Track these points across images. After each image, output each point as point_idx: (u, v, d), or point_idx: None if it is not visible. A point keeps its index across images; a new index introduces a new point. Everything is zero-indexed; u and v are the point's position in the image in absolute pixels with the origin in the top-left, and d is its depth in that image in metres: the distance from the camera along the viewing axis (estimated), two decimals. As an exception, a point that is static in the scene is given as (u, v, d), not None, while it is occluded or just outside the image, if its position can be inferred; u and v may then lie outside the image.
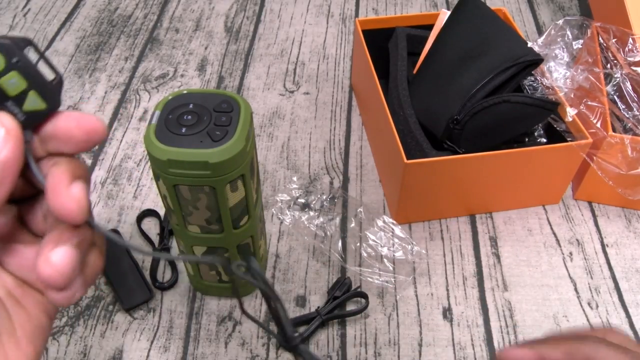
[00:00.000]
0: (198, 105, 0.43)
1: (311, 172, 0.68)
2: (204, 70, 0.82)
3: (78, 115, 0.26)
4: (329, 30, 0.89)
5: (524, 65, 0.58)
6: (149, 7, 0.94)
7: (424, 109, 0.62)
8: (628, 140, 0.57)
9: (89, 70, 0.82)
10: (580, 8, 0.94)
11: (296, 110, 0.76)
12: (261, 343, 0.53)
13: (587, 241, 0.61)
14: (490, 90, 0.58)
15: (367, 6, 0.95)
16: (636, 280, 0.58)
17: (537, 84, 0.63)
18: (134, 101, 0.77)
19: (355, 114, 0.75)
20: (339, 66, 0.83)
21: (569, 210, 0.64)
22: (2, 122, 0.24)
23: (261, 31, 0.89)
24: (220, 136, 0.41)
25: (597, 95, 0.61)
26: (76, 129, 0.26)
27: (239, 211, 0.46)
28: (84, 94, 0.78)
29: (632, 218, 0.64)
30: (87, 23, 0.91)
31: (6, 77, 0.24)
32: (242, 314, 0.27)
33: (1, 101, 0.24)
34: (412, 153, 0.60)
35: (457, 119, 0.58)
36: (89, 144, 0.26)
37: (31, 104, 0.25)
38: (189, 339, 0.53)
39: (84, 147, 0.26)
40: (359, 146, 0.71)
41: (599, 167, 0.59)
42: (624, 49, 0.65)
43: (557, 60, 0.65)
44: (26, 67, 0.24)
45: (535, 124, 0.62)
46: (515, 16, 0.92)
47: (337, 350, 0.52)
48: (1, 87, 0.24)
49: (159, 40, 0.88)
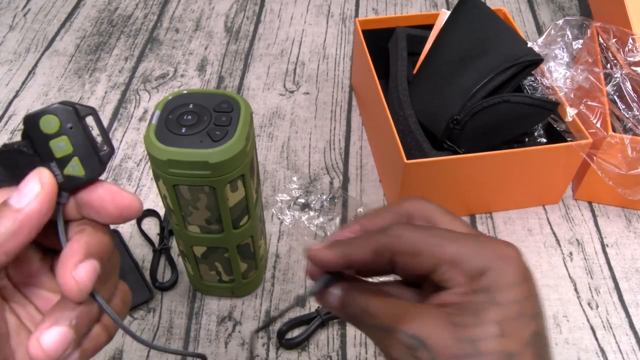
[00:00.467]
0: (198, 105, 0.43)
1: (311, 172, 0.68)
2: (204, 70, 0.82)
3: (115, 190, 0.27)
4: (329, 30, 0.89)
5: (524, 65, 0.58)
6: (149, 7, 0.94)
7: (424, 109, 0.62)
8: (628, 140, 0.57)
9: (89, 70, 0.82)
10: (580, 8, 0.94)
11: (296, 110, 0.76)
12: (261, 343, 0.53)
13: (587, 241, 0.61)
14: (490, 90, 0.58)
15: (367, 6, 0.95)
16: (636, 280, 0.58)
17: (537, 84, 0.63)
18: (134, 101, 0.77)
19: (355, 114, 0.75)
20: (339, 66, 0.83)
21: (569, 210, 0.64)
22: (40, 177, 0.26)
23: (261, 31, 0.89)
24: (220, 136, 0.41)
25: (597, 95, 0.61)
26: (110, 204, 0.27)
27: (239, 211, 0.46)
28: (84, 94, 0.78)
29: (632, 218, 0.64)
30: (87, 23, 0.91)
31: (56, 140, 0.26)
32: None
33: (47, 160, 0.26)
34: (412, 153, 0.60)
35: (457, 119, 0.58)
36: (121, 219, 0.27)
37: (72, 169, 0.26)
38: (189, 339, 0.53)
39: (116, 221, 0.27)
40: (359, 146, 0.71)
41: (599, 167, 0.59)
42: (624, 49, 0.65)
43: (557, 60, 0.65)
44: (76, 135, 0.26)
45: (535, 124, 0.62)
46: (515, 16, 0.92)
47: (337, 350, 0.52)
48: (50, 148, 0.26)
49: (159, 40, 0.88)
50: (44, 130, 0.26)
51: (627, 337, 0.54)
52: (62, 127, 0.26)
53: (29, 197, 0.25)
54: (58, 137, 0.26)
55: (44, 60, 0.84)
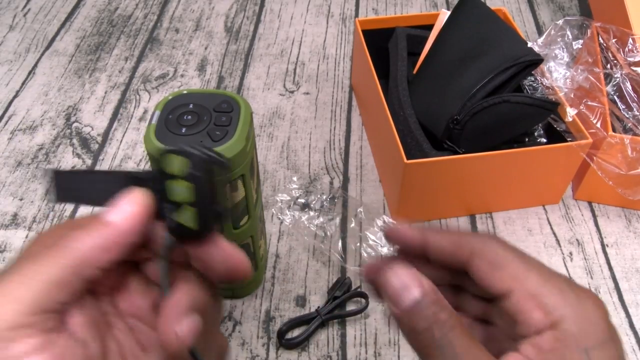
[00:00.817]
0: (198, 105, 0.43)
1: (311, 172, 0.68)
2: (204, 70, 0.82)
3: (229, 250, 0.26)
4: (329, 30, 0.89)
5: (524, 65, 0.58)
6: (149, 7, 0.94)
7: (424, 109, 0.62)
8: (628, 140, 0.57)
9: (89, 70, 0.82)
10: (580, 8, 0.94)
11: (296, 110, 0.76)
12: (261, 343, 0.53)
13: (587, 241, 0.61)
14: (490, 90, 0.58)
15: (367, 6, 0.95)
16: (636, 280, 0.58)
17: (537, 84, 0.63)
18: (134, 101, 0.78)
19: (355, 114, 0.75)
20: (339, 66, 0.83)
21: (569, 210, 0.64)
22: (137, 197, 0.25)
23: (261, 31, 0.89)
24: (220, 136, 0.41)
25: (597, 95, 0.61)
26: (220, 264, 0.26)
27: (239, 211, 0.46)
28: (84, 94, 0.78)
29: (632, 218, 0.64)
30: (87, 23, 0.91)
31: (178, 183, 0.24)
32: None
33: (162, 198, 0.25)
34: (412, 153, 0.60)
35: (457, 119, 0.58)
36: (227, 280, 0.26)
37: (184, 218, 0.24)
38: (189, 339, 0.53)
39: (222, 280, 0.26)
40: (359, 146, 0.71)
41: (599, 167, 0.59)
42: (624, 49, 0.65)
43: (557, 60, 0.65)
44: (201, 187, 0.24)
45: (535, 124, 0.62)
46: (515, 16, 0.92)
47: (337, 350, 0.52)
48: (168, 187, 0.24)
49: (159, 40, 0.88)
50: (170, 169, 0.24)
51: (627, 337, 0.54)
52: (190, 173, 0.24)
53: (122, 214, 0.25)
54: (181, 180, 0.24)
55: (44, 60, 0.84)
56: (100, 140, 0.72)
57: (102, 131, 0.73)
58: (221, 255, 0.26)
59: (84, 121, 0.75)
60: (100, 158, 0.70)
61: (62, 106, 0.77)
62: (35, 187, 0.66)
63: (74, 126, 0.74)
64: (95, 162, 0.69)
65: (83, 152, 0.71)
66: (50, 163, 0.69)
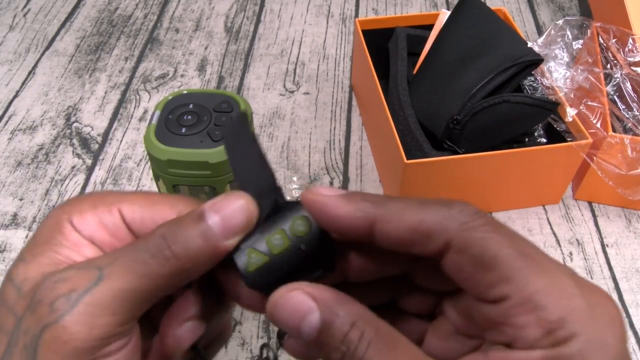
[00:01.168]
0: (198, 105, 0.43)
1: (311, 172, 0.68)
2: (204, 70, 0.82)
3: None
4: (329, 30, 0.89)
5: (524, 65, 0.58)
6: (149, 7, 0.94)
7: (424, 109, 0.62)
8: (628, 140, 0.57)
9: (89, 70, 0.82)
10: (580, 8, 0.94)
11: (296, 110, 0.76)
12: (261, 343, 0.53)
13: (587, 241, 0.61)
14: (490, 90, 0.58)
15: (367, 6, 0.95)
16: (636, 280, 0.58)
17: (537, 84, 0.63)
18: (134, 101, 0.78)
19: (355, 114, 0.75)
20: (339, 66, 0.83)
21: (569, 210, 0.64)
22: (249, 207, 0.22)
23: (261, 31, 0.89)
24: (220, 136, 0.41)
25: (597, 96, 0.61)
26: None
27: (239, 211, 0.46)
28: (84, 94, 0.78)
29: (632, 218, 0.64)
30: (87, 23, 0.91)
31: (276, 236, 0.23)
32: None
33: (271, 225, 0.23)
34: (412, 153, 0.60)
35: (457, 119, 0.58)
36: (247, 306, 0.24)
37: (256, 261, 0.23)
38: (189, 339, 0.53)
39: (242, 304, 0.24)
40: (359, 146, 0.71)
41: (599, 167, 0.59)
42: (624, 49, 0.65)
43: (557, 60, 0.65)
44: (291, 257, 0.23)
45: (535, 124, 0.62)
46: (515, 16, 0.92)
47: (337, 350, 0.52)
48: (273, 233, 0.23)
49: (159, 40, 0.88)
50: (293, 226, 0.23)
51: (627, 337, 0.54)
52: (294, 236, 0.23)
53: (229, 225, 0.22)
54: (279, 235, 0.23)
55: (44, 60, 0.84)
56: (100, 140, 0.72)
57: (102, 131, 0.73)
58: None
59: (84, 121, 0.75)
60: (101, 158, 0.70)
61: (62, 106, 0.77)
62: (35, 187, 0.66)
63: (74, 126, 0.74)
64: (95, 162, 0.69)
65: (83, 152, 0.71)
66: (50, 163, 0.69)
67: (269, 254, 0.22)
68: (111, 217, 0.24)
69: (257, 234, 0.23)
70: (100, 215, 0.24)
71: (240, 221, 0.22)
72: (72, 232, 0.23)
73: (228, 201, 0.22)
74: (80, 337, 0.20)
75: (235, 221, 0.22)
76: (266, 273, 0.22)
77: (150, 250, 0.21)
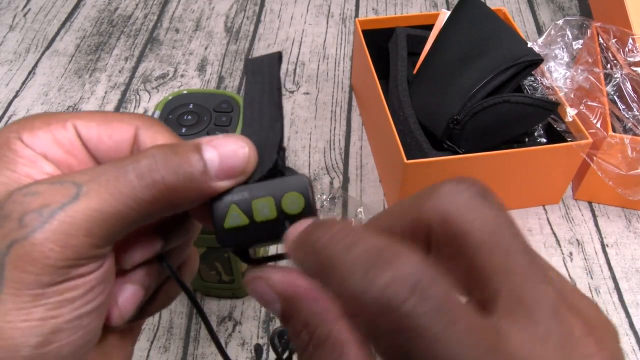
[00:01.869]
0: (198, 105, 0.44)
1: (311, 172, 0.68)
2: (204, 70, 0.82)
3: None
4: (329, 30, 0.90)
5: (524, 65, 0.58)
6: (149, 7, 0.94)
7: (424, 109, 0.62)
8: (628, 140, 0.57)
9: (89, 70, 0.82)
10: (580, 8, 0.94)
11: (296, 110, 0.76)
12: (261, 343, 0.53)
13: (587, 241, 0.61)
14: (490, 90, 0.58)
15: (367, 6, 0.95)
16: (636, 280, 0.58)
17: (537, 84, 0.63)
18: (134, 101, 0.78)
19: (355, 114, 0.75)
20: (339, 66, 0.83)
21: (569, 210, 0.64)
22: (249, 150, 0.21)
23: (261, 31, 0.89)
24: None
25: (597, 96, 0.61)
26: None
27: (239, 211, 0.46)
28: (84, 94, 0.78)
29: (632, 218, 0.64)
30: (87, 23, 0.91)
31: (261, 201, 0.21)
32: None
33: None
34: (412, 153, 0.60)
35: (457, 119, 0.58)
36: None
37: (232, 220, 0.22)
38: (189, 339, 0.53)
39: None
40: (359, 146, 0.71)
41: (599, 168, 0.59)
42: (624, 49, 0.65)
43: (557, 60, 0.65)
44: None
45: (535, 124, 0.62)
46: (515, 16, 0.92)
47: (337, 350, 0.52)
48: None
49: (159, 40, 0.88)
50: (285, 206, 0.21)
51: (627, 337, 0.54)
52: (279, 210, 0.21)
53: (225, 166, 0.21)
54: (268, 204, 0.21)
55: (44, 60, 0.84)
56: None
57: (102, 131, 0.73)
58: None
59: (84, 121, 0.75)
60: (100, 158, 0.70)
61: (62, 106, 0.77)
62: (35, 187, 0.66)
63: (74, 126, 0.74)
64: (95, 162, 0.69)
65: (83, 152, 0.71)
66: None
67: (250, 218, 0.21)
68: (66, 133, 0.22)
69: (244, 191, 0.21)
70: (53, 131, 0.22)
71: (238, 164, 0.21)
72: (24, 149, 0.21)
73: (227, 141, 0.21)
74: (52, 255, 0.18)
75: (232, 162, 0.21)
76: (240, 235, 0.21)
77: (139, 170, 0.20)
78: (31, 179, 0.21)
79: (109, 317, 0.23)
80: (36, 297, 0.19)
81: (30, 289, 0.19)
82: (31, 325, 0.19)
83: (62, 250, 0.19)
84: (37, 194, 0.19)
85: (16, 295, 0.18)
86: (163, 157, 0.20)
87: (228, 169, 0.21)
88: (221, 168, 0.21)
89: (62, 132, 0.22)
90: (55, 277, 0.19)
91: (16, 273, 0.18)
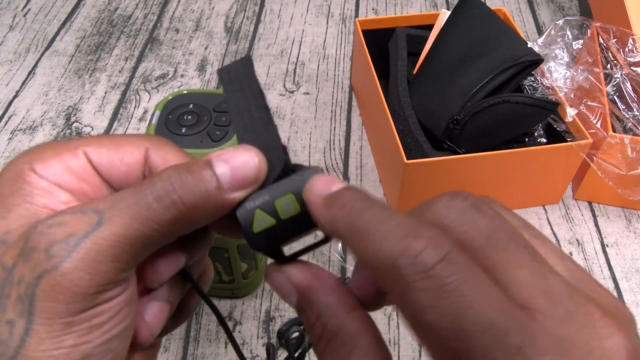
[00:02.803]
0: (198, 105, 0.44)
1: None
2: (204, 70, 0.82)
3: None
4: (329, 30, 0.90)
5: (524, 65, 0.58)
6: (149, 7, 0.94)
7: (424, 109, 0.62)
8: (628, 140, 0.57)
9: (89, 70, 0.82)
10: (580, 8, 0.94)
11: (296, 110, 0.76)
12: (261, 343, 0.53)
13: (587, 241, 0.61)
14: (490, 90, 0.58)
15: (367, 6, 0.95)
16: (636, 280, 0.58)
17: (537, 84, 0.63)
18: (134, 101, 0.78)
19: (355, 114, 0.75)
20: (339, 66, 0.83)
21: (569, 210, 0.64)
22: (260, 161, 0.22)
23: (261, 31, 0.89)
24: (220, 136, 0.41)
25: (597, 96, 0.61)
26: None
27: (239, 211, 0.46)
28: (84, 94, 0.78)
29: (632, 218, 0.64)
30: (87, 23, 0.91)
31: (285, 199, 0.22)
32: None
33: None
34: (412, 153, 0.60)
35: (457, 119, 0.58)
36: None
37: (261, 222, 0.22)
38: (189, 339, 0.53)
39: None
40: (359, 146, 0.71)
41: (599, 168, 0.59)
42: (624, 49, 0.65)
43: (557, 60, 0.65)
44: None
45: (535, 124, 0.62)
46: (515, 16, 0.92)
47: (337, 351, 0.52)
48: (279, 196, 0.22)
49: (159, 40, 0.88)
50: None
51: (627, 337, 0.54)
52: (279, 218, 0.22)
53: (238, 177, 0.21)
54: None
55: (44, 60, 0.84)
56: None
57: (102, 131, 0.73)
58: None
59: (84, 121, 0.75)
60: (100, 158, 0.70)
61: (62, 106, 0.77)
62: (35, 187, 0.66)
63: (74, 126, 0.74)
64: (95, 162, 0.69)
65: (83, 152, 0.71)
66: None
67: (277, 218, 0.22)
68: (77, 161, 0.22)
69: (264, 195, 0.22)
70: (65, 160, 0.22)
71: (250, 174, 0.22)
72: (38, 180, 0.21)
73: (237, 153, 0.22)
74: (82, 283, 0.19)
75: (244, 173, 0.21)
76: (271, 235, 0.22)
77: (156, 192, 0.20)
78: (49, 209, 0.21)
79: (139, 335, 0.24)
80: (67, 325, 0.19)
81: (61, 318, 0.19)
82: (63, 352, 0.19)
83: (91, 278, 0.19)
84: (62, 225, 0.20)
85: (48, 324, 0.19)
86: (178, 178, 0.21)
87: (241, 180, 0.22)
88: (234, 180, 0.21)
89: (74, 160, 0.22)
90: (85, 304, 0.19)
91: (47, 303, 0.19)
